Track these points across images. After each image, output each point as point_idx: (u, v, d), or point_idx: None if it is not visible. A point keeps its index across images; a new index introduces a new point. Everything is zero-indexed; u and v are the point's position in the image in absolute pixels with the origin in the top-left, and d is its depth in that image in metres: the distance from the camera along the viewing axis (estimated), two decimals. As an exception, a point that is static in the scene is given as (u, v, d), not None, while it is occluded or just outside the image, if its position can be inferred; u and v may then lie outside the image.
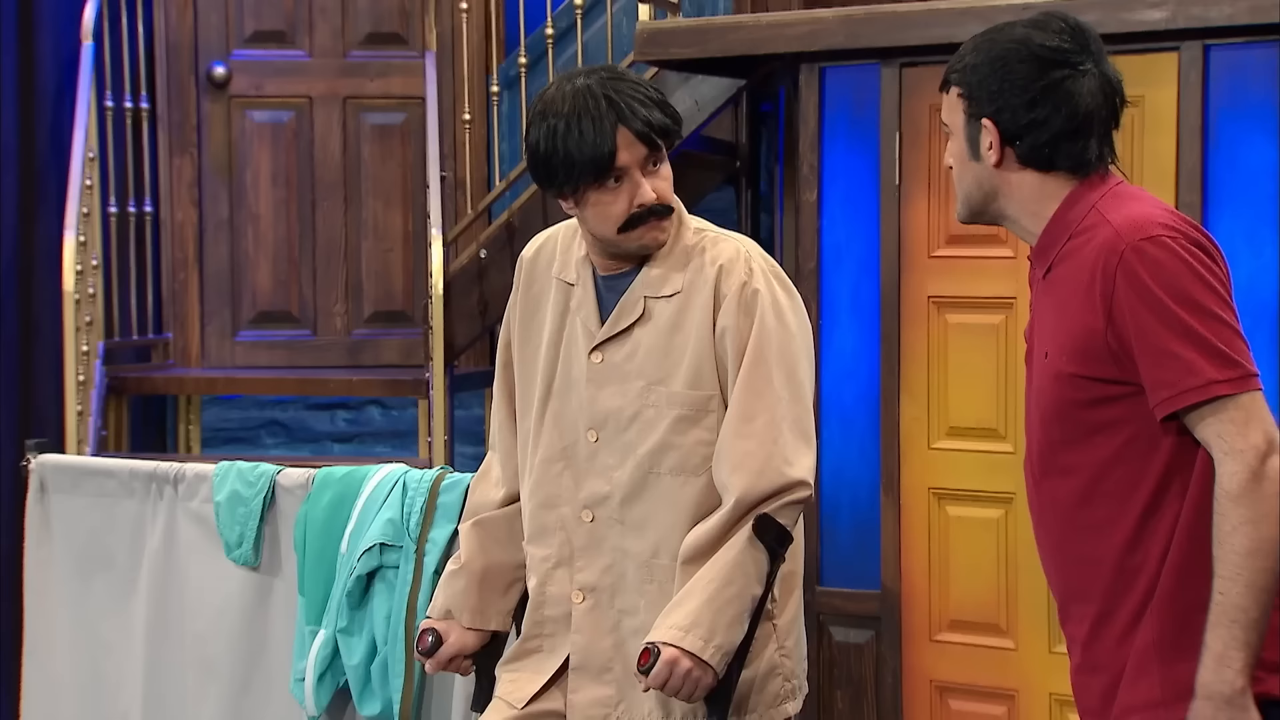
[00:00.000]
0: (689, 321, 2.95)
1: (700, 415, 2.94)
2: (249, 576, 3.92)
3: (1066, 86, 2.58)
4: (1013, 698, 4.26)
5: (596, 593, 3.01)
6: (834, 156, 4.46)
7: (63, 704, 4.14)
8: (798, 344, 2.95)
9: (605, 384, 2.98)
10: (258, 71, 6.17)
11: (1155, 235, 2.50)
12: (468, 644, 3.18)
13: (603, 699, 3.02)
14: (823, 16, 4.40)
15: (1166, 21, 3.99)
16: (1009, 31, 2.63)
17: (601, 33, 5.68)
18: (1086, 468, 2.57)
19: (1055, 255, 2.61)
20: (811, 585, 4.48)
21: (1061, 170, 2.62)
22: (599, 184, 2.89)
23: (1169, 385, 2.46)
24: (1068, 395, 2.56)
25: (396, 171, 6.20)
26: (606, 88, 2.89)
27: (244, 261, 6.16)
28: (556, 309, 3.05)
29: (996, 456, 4.24)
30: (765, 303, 2.93)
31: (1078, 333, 2.54)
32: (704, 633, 2.82)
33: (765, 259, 3.00)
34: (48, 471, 4.14)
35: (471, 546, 3.17)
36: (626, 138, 2.88)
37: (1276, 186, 3.96)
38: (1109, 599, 2.57)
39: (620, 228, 2.93)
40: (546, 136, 2.89)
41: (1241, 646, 2.43)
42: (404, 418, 6.25)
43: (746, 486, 2.87)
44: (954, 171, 2.70)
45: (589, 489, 3.01)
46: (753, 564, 2.87)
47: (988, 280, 4.26)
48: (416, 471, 3.79)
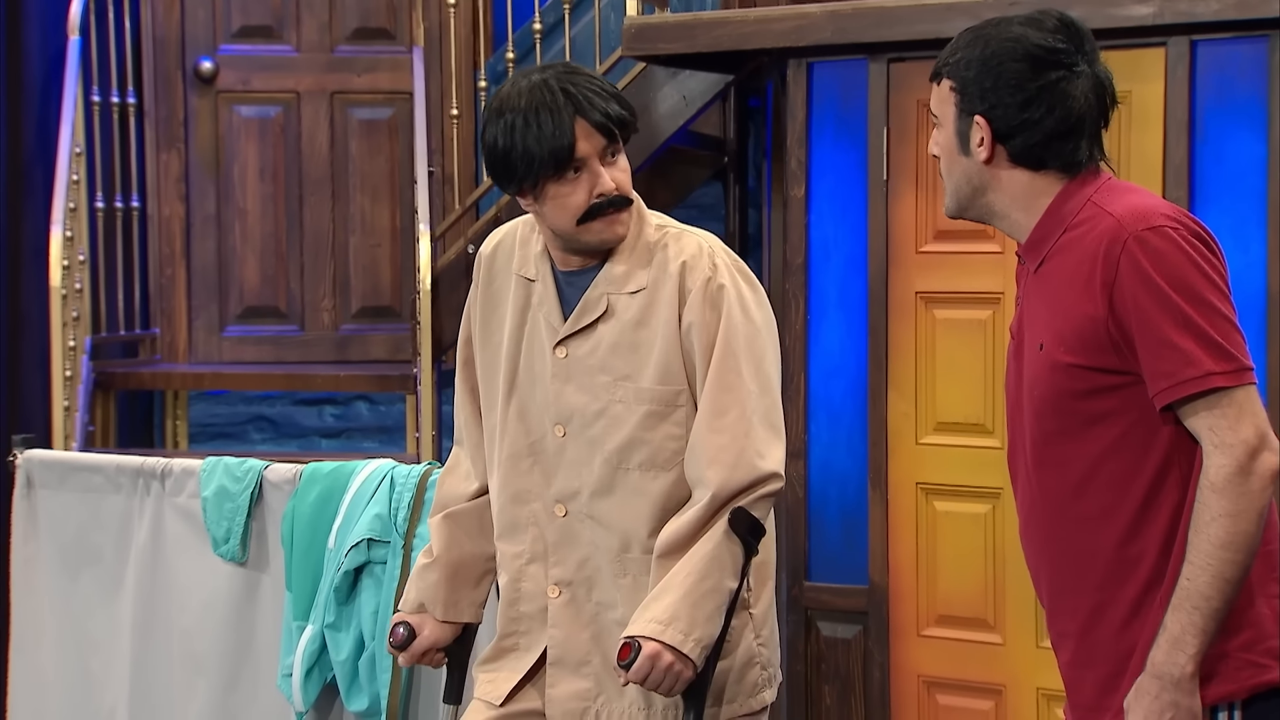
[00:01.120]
0: (655, 318, 2.96)
1: (669, 410, 2.96)
2: (236, 572, 3.92)
3: (1061, 87, 2.58)
4: (1000, 692, 4.27)
5: (573, 587, 3.02)
6: (822, 151, 4.46)
7: (50, 699, 4.14)
8: (764, 337, 2.98)
9: (570, 379, 3.00)
10: (245, 66, 6.16)
11: (1158, 225, 2.51)
12: (441, 637, 3.18)
13: (582, 692, 3.02)
14: (810, 11, 4.40)
15: (1154, 17, 3.99)
16: (1004, 29, 2.62)
17: (589, 28, 5.69)
18: (1082, 459, 2.57)
19: (1049, 249, 2.61)
20: (799, 580, 4.49)
21: (1052, 169, 2.62)
22: (558, 176, 2.91)
23: (1168, 375, 2.47)
24: (1064, 386, 2.56)
25: (384, 167, 6.19)
26: (563, 81, 2.92)
27: (231, 257, 6.15)
28: (517, 305, 3.06)
29: (984, 451, 4.24)
30: (731, 297, 2.95)
31: (1077, 322, 2.54)
32: (684, 626, 2.83)
33: (728, 254, 3.02)
34: (34, 467, 4.13)
35: (442, 539, 3.18)
36: (585, 128, 2.91)
37: (1263, 182, 3.97)
38: (1105, 590, 2.57)
39: (580, 219, 2.94)
40: (504, 132, 2.93)
41: (1198, 633, 2.46)
42: (391, 413, 6.25)
43: (722, 480, 2.88)
44: (942, 163, 2.69)
45: (560, 484, 3.02)
46: (729, 557, 2.88)
47: (975, 275, 4.26)
48: (404, 467, 3.79)
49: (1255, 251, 3.97)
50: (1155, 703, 2.48)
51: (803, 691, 4.50)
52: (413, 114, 5.76)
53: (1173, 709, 2.47)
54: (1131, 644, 2.55)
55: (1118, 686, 2.57)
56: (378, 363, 6.11)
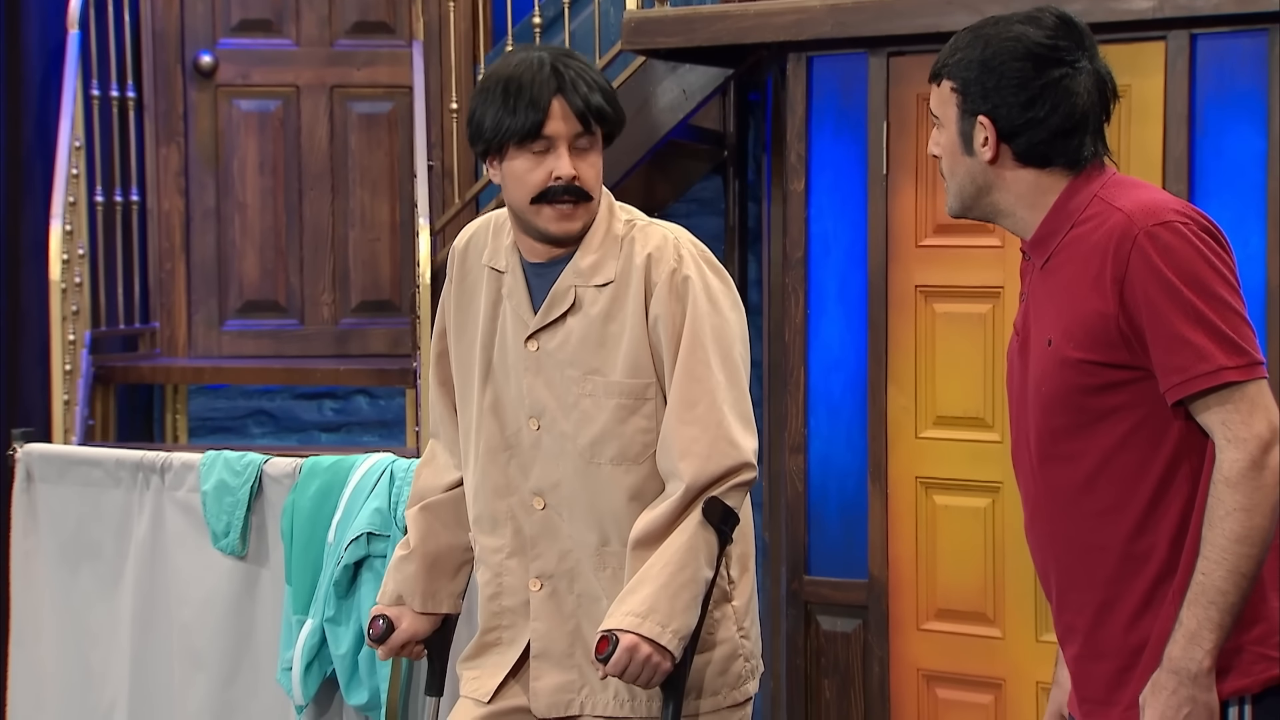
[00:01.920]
0: (622, 311, 2.96)
1: (639, 404, 2.96)
2: (236, 566, 3.92)
3: (1064, 84, 2.58)
4: (1000, 686, 4.27)
5: (554, 579, 3.02)
6: (821, 146, 4.46)
7: (49, 694, 4.14)
8: (732, 328, 2.98)
9: (540, 372, 3.00)
10: (244, 60, 6.16)
11: (1169, 220, 2.50)
12: (420, 629, 3.19)
13: (566, 684, 3.03)
14: (810, 5, 4.40)
15: (1153, 11, 3.99)
16: (1004, 28, 2.62)
17: (588, 21, 5.68)
18: (1091, 454, 2.56)
19: (1056, 244, 2.61)
20: (799, 574, 4.49)
21: (1057, 166, 2.62)
22: (522, 146, 2.92)
23: (1180, 370, 2.47)
24: (1073, 381, 2.55)
25: (384, 161, 6.19)
26: (557, 61, 2.94)
27: (231, 251, 6.15)
28: (489, 297, 3.06)
29: (984, 445, 4.24)
30: (696, 288, 2.95)
31: (1087, 317, 2.53)
32: (661, 618, 2.83)
33: (695, 244, 3.01)
34: (34, 461, 4.13)
35: (419, 531, 3.19)
36: (562, 108, 2.92)
37: (1263, 175, 3.97)
38: (1114, 585, 2.57)
39: (534, 198, 2.94)
40: (484, 92, 2.95)
41: (1215, 628, 2.45)
42: (391, 407, 6.25)
43: (695, 471, 2.89)
44: (944, 164, 2.69)
45: (537, 477, 3.02)
46: (704, 547, 2.89)
47: (975, 270, 4.26)
48: (404, 461, 3.79)
49: (1255, 245, 3.97)
50: (1172, 698, 2.48)
51: (802, 685, 4.51)
52: (412, 108, 5.75)
53: (1190, 704, 2.47)
54: (1141, 638, 2.55)
55: (1127, 681, 2.57)
56: (377, 357, 6.11)
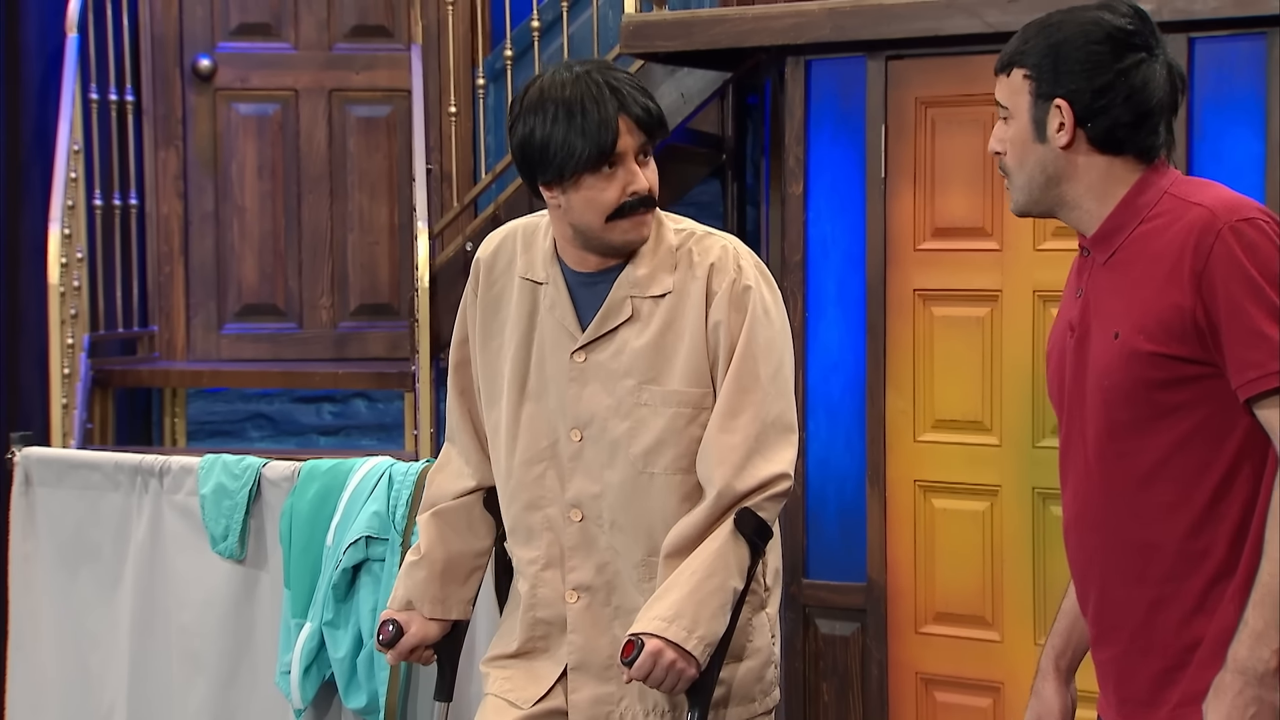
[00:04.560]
0: (682, 320, 2.96)
1: (697, 413, 2.95)
2: (234, 569, 3.92)
3: (1142, 70, 2.58)
4: (998, 690, 4.27)
5: (591, 591, 3.01)
6: (820, 149, 4.47)
7: (48, 697, 4.14)
8: (783, 340, 2.99)
9: (589, 382, 2.98)
10: (243, 64, 6.16)
11: (1253, 218, 2.50)
12: (429, 634, 3.18)
13: (605, 696, 3.01)
14: (808, 9, 4.40)
15: (1151, 14, 3.95)
16: (1078, 14, 2.61)
17: (587, 25, 5.69)
18: (1152, 450, 2.54)
19: (1123, 240, 2.59)
20: (797, 578, 4.49)
21: (1129, 155, 2.60)
22: (595, 169, 2.88)
23: (1257, 366, 2.46)
24: (1142, 374, 2.53)
25: (382, 164, 6.19)
26: (606, 76, 2.90)
27: (229, 254, 6.15)
28: (523, 309, 3.03)
29: (982, 449, 4.24)
30: (755, 299, 2.95)
31: (1161, 310, 2.51)
32: (687, 624, 2.83)
33: (751, 255, 3.02)
34: (33, 464, 4.13)
35: (431, 537, 3.17)
36: (627, 123, 2.89)
37: (1260, 179, 3.97)
38: (1168, 583, 2.55)
39: (609, 216, 2.91)
40: (544, 123, 2.88)
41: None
42: (390, 410, 6.25)
43: (729, 481, 2.88)
44: (1009, 157, 2.65)
45: (575, 488, 3.00)
46: (734, 557, 2.88)
47: (973, 273, 4.27)
48: (402, 464, 3.79)
49: (1253, 249, 3.96)
50: (1238, 699, 2.45)
51: (801, 689, 4.51)
52: (411, 111, 5.76)
53: (1256, 704, 2.45)
54: (1194, 638, 2.54)
55: (1176, 680, 2.55)
56: (376, 360, 6.11)
